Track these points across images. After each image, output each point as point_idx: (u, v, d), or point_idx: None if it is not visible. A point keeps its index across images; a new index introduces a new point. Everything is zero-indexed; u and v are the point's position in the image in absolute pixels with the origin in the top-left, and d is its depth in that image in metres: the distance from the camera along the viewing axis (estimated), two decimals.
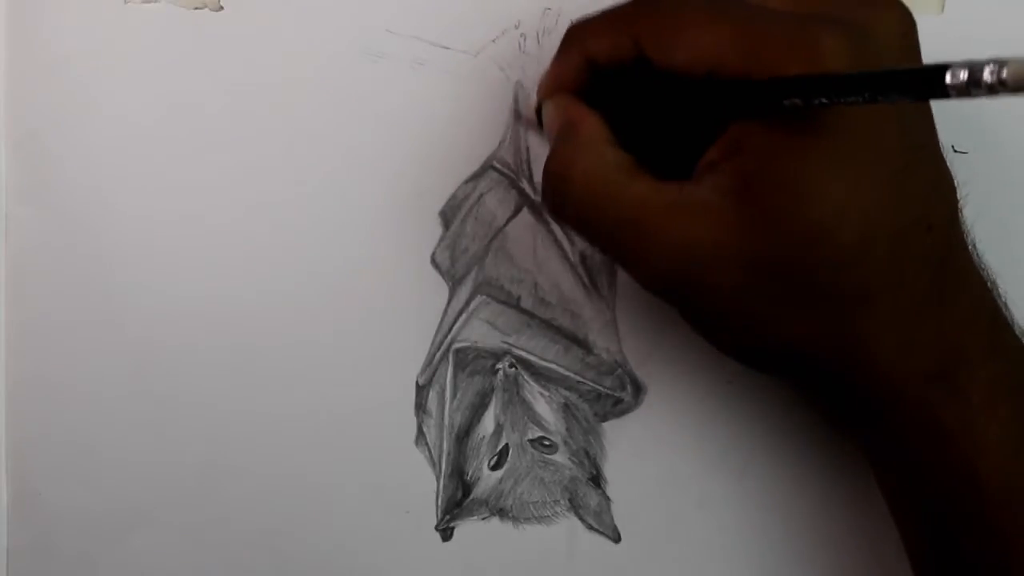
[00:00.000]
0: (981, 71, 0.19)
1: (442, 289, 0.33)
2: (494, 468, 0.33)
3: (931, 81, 0.20)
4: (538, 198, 0.33)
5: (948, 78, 0.19)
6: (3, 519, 0.34)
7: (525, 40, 0.33)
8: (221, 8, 0.33)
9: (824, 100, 0.22)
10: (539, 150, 0.33)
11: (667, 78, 0.26)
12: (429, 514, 0.33)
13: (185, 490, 0.33)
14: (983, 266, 0.27)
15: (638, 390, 0.33)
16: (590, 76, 0.28)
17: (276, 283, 0.33)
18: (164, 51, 0.33)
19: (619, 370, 0.33)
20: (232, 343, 0.33)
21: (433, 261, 0.33)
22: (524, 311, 0.33)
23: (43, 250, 0.34)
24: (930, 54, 0.25)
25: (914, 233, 0.25)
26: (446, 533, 0.33)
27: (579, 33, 0.28)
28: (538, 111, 0.31)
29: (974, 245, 0.27)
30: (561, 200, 0.27)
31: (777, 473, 0.32)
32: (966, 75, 0.19)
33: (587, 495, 0.33)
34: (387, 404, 0.33)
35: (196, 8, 0.33)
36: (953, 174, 0.27)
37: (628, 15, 0.27)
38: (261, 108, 0.33)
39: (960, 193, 0.27)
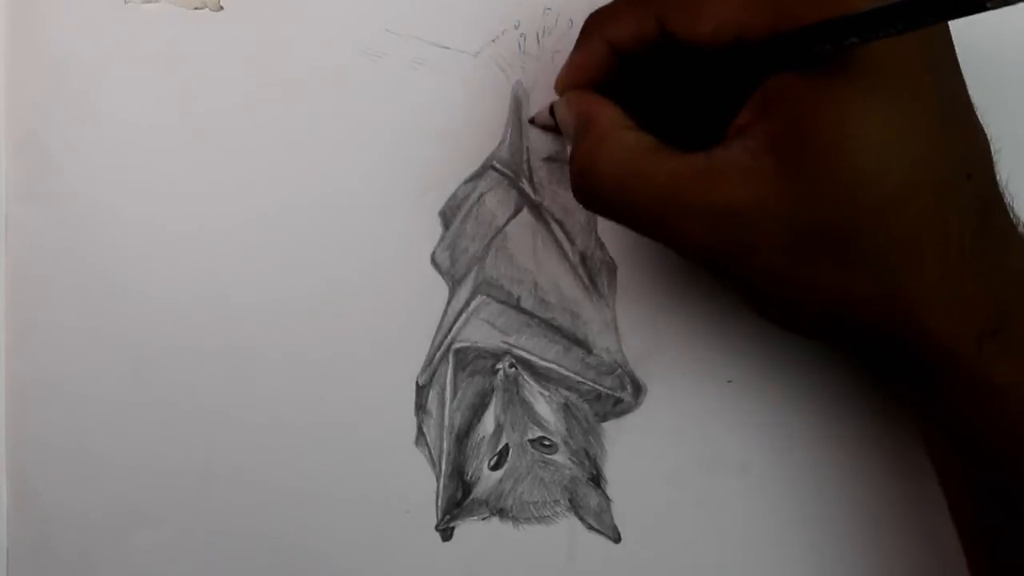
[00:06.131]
0: None
1: (442, 289, 0.33)
2: (494, 468, 0.33)
3: None
4: (538, 198, 0.33)
5: None
6: (3, 519, 0.34)
7: (525, 40, 0.33)
8: (221, 8, 0.33)
9: (855, 39, 0.22)
10: (539, 149, 0.33)
11: (691, 52, 0.25)
12: (429, 514, 0.33)
13: (185, 490, 0.33)
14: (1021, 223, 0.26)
15: (638, 390, 0.33)
16: (612, 64, 0.27)
17: (275, 283, 0.33)
18: (164, 51, 0.33)
19: (619, 370, 0.33)
20: (231, 342, 0.33)
21: (433, 261, 0.33)
22: (524, 311, 0.33)
23: (43, 250, 0.34)
24: None
25: (955, 182, 0.24)
26: (446, 533, 0.33)
27: (598, 21, 0.28)
28: (551, 111, 0.30)
29: (1011, 203, 0.26)
30: (592, 192, 0.27)
31: (777, 473, 0.32)
32: None
33: (587, 495, 0.33)
34: (387, 404, 0.33)
35: (196, 8, 0.33)
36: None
37: None
38: (261, 108, 0.33)
39: (993, 148, 0.26)
